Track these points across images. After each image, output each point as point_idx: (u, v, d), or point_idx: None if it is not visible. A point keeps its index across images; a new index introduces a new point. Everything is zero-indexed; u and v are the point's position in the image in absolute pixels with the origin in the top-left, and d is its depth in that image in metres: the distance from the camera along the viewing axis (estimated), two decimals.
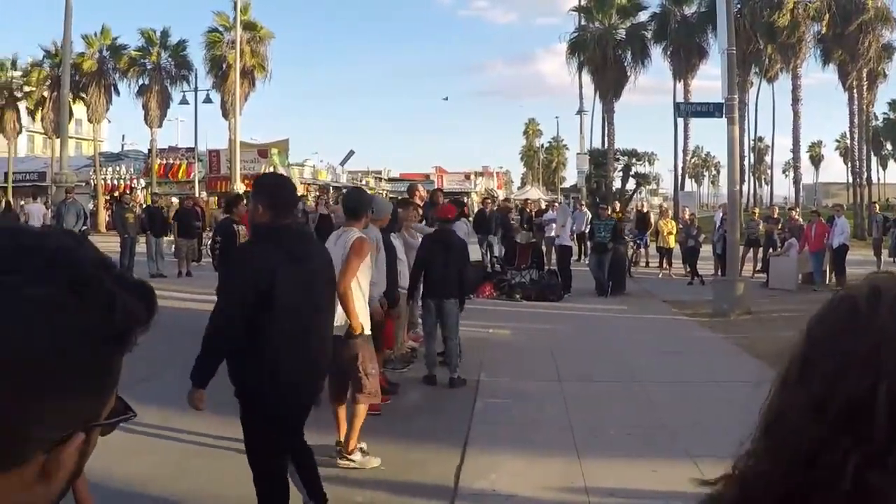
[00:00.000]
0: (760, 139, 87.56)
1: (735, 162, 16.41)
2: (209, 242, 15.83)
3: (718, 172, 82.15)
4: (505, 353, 11.00)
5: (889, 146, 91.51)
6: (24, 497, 0.77)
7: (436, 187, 21.00)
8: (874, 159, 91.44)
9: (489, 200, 24.17)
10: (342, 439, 6.28)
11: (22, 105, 46.32)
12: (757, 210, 26.81)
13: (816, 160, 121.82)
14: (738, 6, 43.24)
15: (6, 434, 0.73)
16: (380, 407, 7.65)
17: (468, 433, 6.94)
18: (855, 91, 42.95)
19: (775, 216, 23.18)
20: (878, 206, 27.52)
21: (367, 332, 6.17)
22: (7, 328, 0.72)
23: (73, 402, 0.77)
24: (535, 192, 62.73)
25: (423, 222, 11.60)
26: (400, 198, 14.23)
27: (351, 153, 57.03)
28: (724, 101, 15.98)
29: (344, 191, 21.52)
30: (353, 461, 6.15)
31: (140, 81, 44.64)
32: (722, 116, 16.21)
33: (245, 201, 12.09)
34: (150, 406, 7.35)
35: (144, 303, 0.82)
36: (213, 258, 13.07)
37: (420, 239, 10.79)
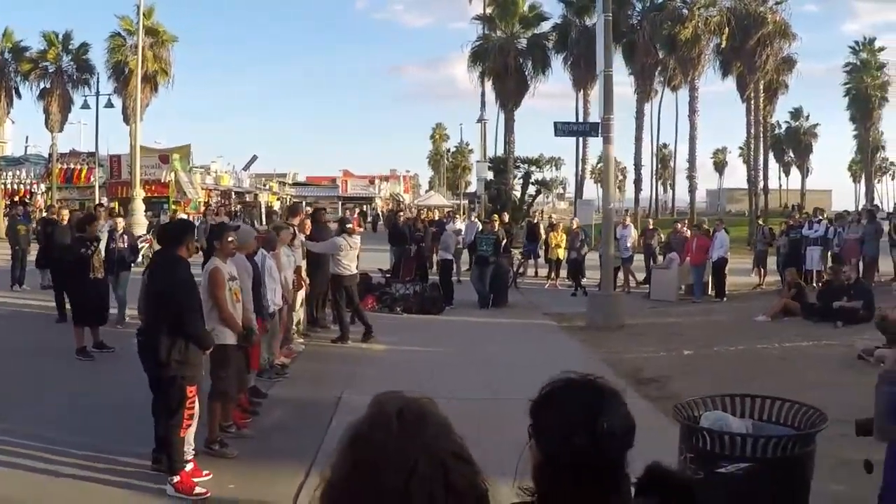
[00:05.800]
0: (665, 146, 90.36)
1: (609, 180, 17.20)
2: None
3: (625, 178, 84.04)
4: (376, 368, 11.26)
5: (791, 153, 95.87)
6: None
7: (318, 206, 21.86)
8: (776, 166, 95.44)
9: (400, 210, 24.75)
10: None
11: None
12: (651, 221, 28.11)
13: (721, 166, 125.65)
14: (639, 18, 44.64)
15: None
16: (247, 425, 8.14)
17: (317, 452, 7.35)
18: (752, 102, 44.22)
19: (650, 228, 24.34)
20: (762, 220, 29.12)
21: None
22: None
23: None
24: (439, 198, 63.28)
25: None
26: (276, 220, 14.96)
27: (254, 158, 57.30)
28: (600, 120, 16.58)
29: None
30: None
31: (41, 84, 43.91)
32: (598, 136, 17.05)
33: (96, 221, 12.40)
34: None
35: None
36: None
37: (297, 255, 11.46)
